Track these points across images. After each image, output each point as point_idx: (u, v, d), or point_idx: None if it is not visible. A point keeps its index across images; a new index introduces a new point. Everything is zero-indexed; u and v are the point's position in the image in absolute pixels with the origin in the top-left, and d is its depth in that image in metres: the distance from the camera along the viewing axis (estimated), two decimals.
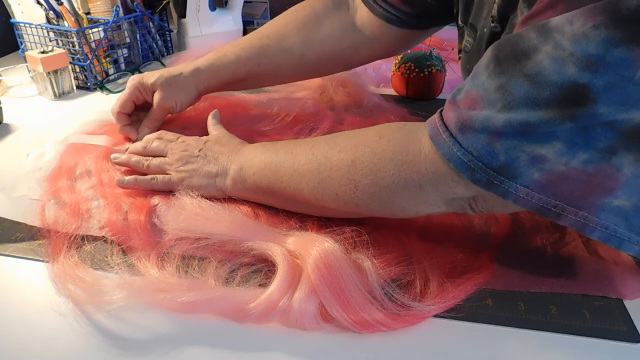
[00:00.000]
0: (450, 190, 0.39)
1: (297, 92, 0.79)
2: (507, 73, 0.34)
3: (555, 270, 0.44)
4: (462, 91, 0.38)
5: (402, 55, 0.78)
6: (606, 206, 0.34)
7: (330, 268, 0.39)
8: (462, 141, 0.36)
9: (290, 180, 0.46)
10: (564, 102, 0.32)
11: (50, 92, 0.79)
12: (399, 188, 0.40)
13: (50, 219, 0.49)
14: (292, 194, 0.46)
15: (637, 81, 0.30)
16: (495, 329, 0.39)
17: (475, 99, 0.36)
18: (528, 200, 0.35)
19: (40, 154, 0.62)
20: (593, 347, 0.37)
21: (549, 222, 0.50)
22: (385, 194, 0.41)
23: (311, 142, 0.47)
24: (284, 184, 0.46)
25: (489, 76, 0.35)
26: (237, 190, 0.50)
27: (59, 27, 0.82)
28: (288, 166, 0.46)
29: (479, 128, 0.35)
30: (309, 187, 0.44)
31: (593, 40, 0.30)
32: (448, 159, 0.37)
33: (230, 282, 0.42)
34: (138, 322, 0.39)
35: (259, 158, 0.49)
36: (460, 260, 0.44)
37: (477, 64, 0.38)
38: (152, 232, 0.48)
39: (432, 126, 0.39)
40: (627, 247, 0.35)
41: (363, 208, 0.43)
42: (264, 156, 0.49)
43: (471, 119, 0.36)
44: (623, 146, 0.32)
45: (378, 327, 0.38)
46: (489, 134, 0.35)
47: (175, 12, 1.02)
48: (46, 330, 0.38)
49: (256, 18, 1.18)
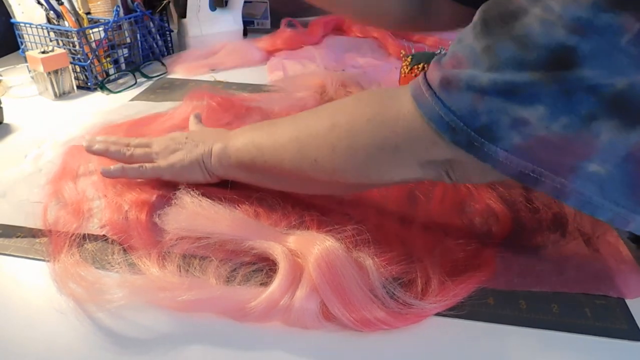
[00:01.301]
0: (427, 152, 0.38)
1: (297, 91, 0.79)
2: (495, 35, 0.34)
3: (556, 269, 0.44)
4: (448, 54, 0.37)
5: (410, 57, 0.78)
6: (582, 172, 0.34)
7: (332, 267, 0.39)
8: (446, 99, 0.35)
9: (271, 153, 0.46)
10: (551, 64, 0.32)
11: (50, 92, 0.79)
12: (375, 148, 0.40)
13: (52, 219, 0.49)
14: (272, 167, 0.46)
15: (622, 48, 0.30)
16: (496, 327, 0.39)
17: (460, 59, 0.36)
18: (507, 165, 0.34)
19: (38, 154, 0.62)
20: (594, 345, 0.37)
21: (550, 221, 0.50)
22: (361, 156, 0.41)
23: (294, 115, 0.48)
24: (266, 157, 0.46)
25: (475, 37, 0.35)
26: (222, 168, 0.50)
27: (59, 27, 0.82)
28: (270, 139, 0.46)
29: (463, 86, 0.35)
30: (290, 157, 0.44)
31: (582, 4, 0.30)
32: (429, 118, 0.36)
33: (231, 281, 0.42)
34: (139, 321, 0.39)
35: (244, 135, 0.49)
36: (461, 258, 0.44)
37: (464, 28, 0.37)
38: (152, 231, 0.48)
39: (415, 86, 0.38)
40: (600, 213, 0.35)
41: (340, 174, 0.43)
42: (248, 133, 0.49)
43: (455, 77, 0.35)
44: (603, 112, 0.32)
45: (379, 325, 0.38)
46: (473, 93, 0.34)
47: (175, 12, 1.02)
48: (47, 329, 0.38)
49: (256, 18, 1.18)
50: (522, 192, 0.54)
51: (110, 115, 0.71)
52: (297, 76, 0.86)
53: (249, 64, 0.96)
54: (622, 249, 0.46)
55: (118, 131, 0.66)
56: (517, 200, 0.53)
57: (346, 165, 0.42)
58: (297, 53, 0.99)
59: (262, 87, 0.84)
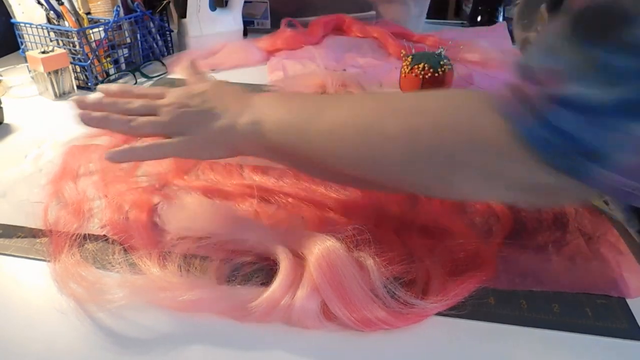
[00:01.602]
0: (522, 176, 0.34)
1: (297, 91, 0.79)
2: (601, 44, 0.30)
3: (557, 268, 0.44)
4: (536, 66, 0.33)
5: (411, 57, 0.78)
6: None
7: (333, 266, 0.39)
8: (552, 119, 0.31)
9: (322, 143, 0.39)
10: None
11: (50, 92, 0.79)
12: (461, 168, 0.35)
13: (52, 219, 0.49)
14: (322, 160, 0.40)
15: None
16: (497, 327, 0.39)
17: (559, 74, 0.31)
18: (610, 186, 0.31)
19: (38, 154, 0.62)
20: (595, 344, 0.37)
21: (550, 221, 0.50)
22: (445, 171, 0.36)
23: (352, 99, 0.40)
24: (314, 146, 0.39)
25: (573, 48, 0.31)
26: (251, 147, 0.44)
27: (59, 27, 0.82)
28: (321, 127, 0.39)
29: (571, 106, 0.30)
30: (350, 154, 0.38)
31: None
32: (530, 141, 0.32)
33: (232, 281, 0.42)
34: (140, 321, 0.39)
35: (278, 111, 0.42)
36: (462, 258, 0.44)
37: (546, 34, 0.34)
38: (153, 231, 0.47)
39: (507, 104, 0.34)
40: None
41: (417, 186, 0.38)
42: (286, 110, 0.42)
43: (560, 96, 0.31)
44: None
45: (380, 325, 0.38)
46: (585, 112, 0.30)
47: (175, 12, 1.02)
48: (48, 329, 0.38)
49: (256, 18, 1.18)
50: None
51: None
52: (297, 76, 0.87)
53: (249, 64, 0.96)
54: (622, 248, 0.46)
55: None
56: None
57: (422, 179, 0.37)
58: (297, 53, 0.99)
59: (262, 87, 0.84)
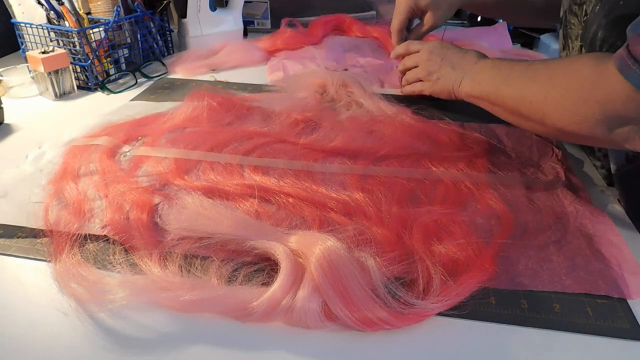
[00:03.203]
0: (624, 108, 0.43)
1: (297, 91, 0.79)
2: None
3: (558, 269, 0.44)
4: None
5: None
6: None
7: (333, 266, 0.39)
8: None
9: (505, 98, 0.57)
10: None
11: (51, 92, 0.79)
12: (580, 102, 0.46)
13: (53, 219, 0.49)
14: (504, 108, 0.58)
15: None
16: (498, 327, 0.39)
17: None
18: None
19: (38, 155, 0.62)
20: (596, 344, 0.37)
21: (551, 221, 0.50)
22: (568, 105, 0.48)
23: (525, 64, 0.57)
24: (509, 88, 0.57)
25: None
26: (465, 96, 0.65)
27: (59, 27, 0.82)
28: (505, 88, 0.57)
29: None
30: (518, 98, 0.55)
31: None
32: (633, 82, 0.41)
33: (233, 281, 0.42)
34: (140, 320, 0.39)
35: (488, 72, 0.62)
36: (463, 258, 0.44)
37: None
38: (154, 231, 0.48)
39: (621, 61, 0.42)
40: None
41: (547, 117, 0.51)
42: (490, 79, 0.61)
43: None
44: None
45: (381, 325, 0.38)
46: None
47: (175, 12, 1.02)
48: (48, 329, 0.38)
49: (256, 18, 1.18)
50: (524, 192, 0.54)
51: (110, 116, 0.71)
52: (298, 76, 0.86)
53: (249, 64, 0.96)
54: (623, 248, 0.46)
55: (118, 131, 0.66)
56: (518, 200, 0.53)
57: (555, 110, 0.50)
58: (297, 53, 0.99)
59: (262, 87, 0.84)
